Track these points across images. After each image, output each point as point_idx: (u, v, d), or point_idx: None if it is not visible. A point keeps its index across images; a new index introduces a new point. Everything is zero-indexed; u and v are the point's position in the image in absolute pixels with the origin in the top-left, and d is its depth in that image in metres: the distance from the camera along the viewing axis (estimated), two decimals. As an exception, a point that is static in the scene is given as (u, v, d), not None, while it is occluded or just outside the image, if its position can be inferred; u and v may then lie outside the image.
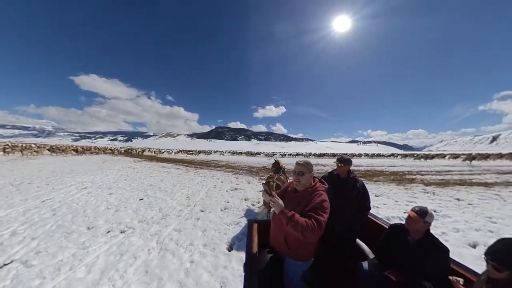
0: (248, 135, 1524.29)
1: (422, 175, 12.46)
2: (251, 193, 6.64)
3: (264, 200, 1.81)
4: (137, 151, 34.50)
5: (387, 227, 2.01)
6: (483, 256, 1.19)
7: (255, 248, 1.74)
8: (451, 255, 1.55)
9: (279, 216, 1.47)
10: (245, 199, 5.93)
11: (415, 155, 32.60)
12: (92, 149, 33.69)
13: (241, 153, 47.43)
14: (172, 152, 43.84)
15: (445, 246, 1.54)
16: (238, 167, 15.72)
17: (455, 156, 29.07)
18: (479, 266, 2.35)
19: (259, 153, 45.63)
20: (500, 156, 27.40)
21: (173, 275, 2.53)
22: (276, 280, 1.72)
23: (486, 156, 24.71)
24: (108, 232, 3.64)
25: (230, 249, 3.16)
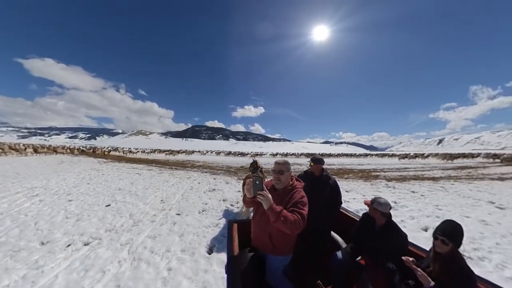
0: (226, 134, 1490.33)
1: (385, 172, 14.02)
2: (230, 194, 6.58)
3: (244, 200, 1.82)
4: (103, 151, 30.51)
5: (357, 219, 2.28)
6: (433, 234, 1.48)
7: (236, 249, 1.74)
8: (409, 239, 1.85)
9: (268, 212, 1.48)
10: (224, 200, 5.85)
11: (378, 154, 37.42)
12: (46, 148, 29.08)
13: (220, 152, 46.66)
14: (145, 151, 40.22)
15: (403, 232, 1.85)
16: (216, 167, 15.41)
17: (404, 155, 34.12)
18: (430, 245, 2.75)
19: (243, 154, 45.10)
20: (427, 156, 33.95)
21: (149, 286, 2.36)
22: (259, 278, 1.75)
23: (414, 156, 30.82)
24: (69, 246, 3.16)
25: (210, 252, 3.09)
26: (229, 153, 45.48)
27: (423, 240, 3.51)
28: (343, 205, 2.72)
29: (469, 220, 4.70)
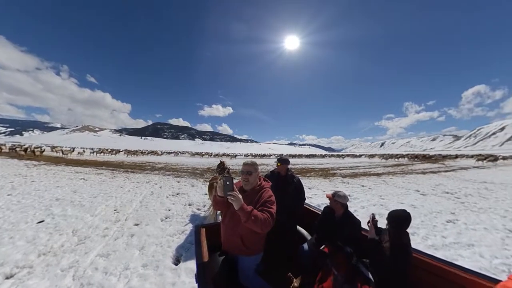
0: (192, 134, 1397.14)
1: (340, 170, 15.89)
2: (196, 197, 6.27)
3: (214, 200, 1.78)
4: (33, 150, 23.61)
5: (319, 212, 2.55)
6: (386, 218, 1.89)
7: (205, 255, 1.69)
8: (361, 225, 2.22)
9: (239, 212, 1.48)
10: (190, 204, 5.54)
11: (336, 155, 42.50)
12: None
13: (185, 153, 43.88)
14: (94, 152, 33.41)
15: (357, 219, 2.18)
16: (180, 169, 14.45)
17: (355, 155, 40.09)
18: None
19: (216, 154, 43.27)
20: (360, 155, 41.80)
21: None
22: (232, 281, 1.73)
23: (343, 156, 37.30)
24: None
25: (177, 262, 2.86)
26: (197, 154, 43.27)
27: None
28: (306, 201, 2.99)
29: (403, 205, 5.80)
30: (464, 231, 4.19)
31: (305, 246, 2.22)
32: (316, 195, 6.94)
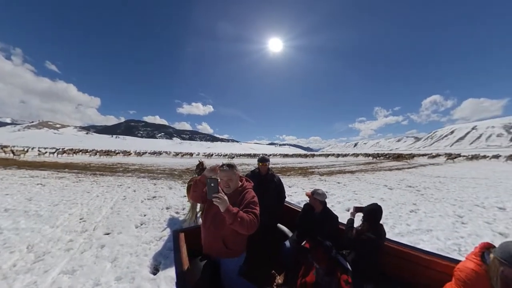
0: (169, 132, 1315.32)
1: (318, 168, 16.67)
2: (174, 200, 5.97)
3: (192, 205, 1.72)
4: None
5: (299, 209, 2.63)
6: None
7: (185, 261, 1.61)
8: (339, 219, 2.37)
9: (225, 214, 1.45)
10: (167, 208, 5.25)
11: (314, 154, 45.13)
12: None
13: (162, 153, 41.45)
14: (56, 152, 28.34)
15: (335, 214, 2.31)
16: (156, 170, 13.62)
17: (329, 155, 42.91)
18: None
19: (196, 154, 41.34)
20: (332, 155, 45.06)
21: None
22: (215, 285, 1.70)
23: (320, 155, 41.20)
24: None
25: (155, 271, 2.68)
26: (177, 154, 41.06)
27: (346, 216, 4.56)
28: (287, 199, 3.08)
29: (374, 199, 6.34)
30: (424, 218, 4.80)
31: (287, 243, 2.29)
32: (296, 193, 7.17)
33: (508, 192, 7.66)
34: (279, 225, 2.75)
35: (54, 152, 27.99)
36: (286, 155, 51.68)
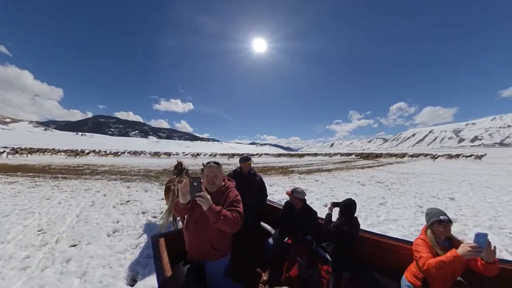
0: (144, 130, 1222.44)
1: (298, 167, 17.30)
2: (151, 204, 5.64)
3: (175, 208, 1.65)
4: None
5: (280, 207, 2.74)
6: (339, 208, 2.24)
7: (167, 268, 1.54)
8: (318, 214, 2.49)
9: (208, 212, 1.45)
10: (143, 213, 4.94)
11: (294, 154, 46.93)
12: None
13: (140, 153, 38.49)
14: (6, 152, 23.24)
15: (314, 210, 2.43)
16: (130, 172, 12.66)
17: (318, 154, 45.68)
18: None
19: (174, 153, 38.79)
20: (308, 154, 48.31)
21: None
22: None
23: (300, 155, 42.72)
24: None
25: (133, 282, 2.49)
26: (156, 154, 38.34)
27: (325, 211, 4.89)
28: (268, 197, 3.15)
29: (348, 195, 6.83)
30: (391, 210, 5.37)
31: (270, 240, 2.36)
32: (277, 191, 7.35)
33: (457, 185, 8.92)
34: (262, 223, 2.81)
35: (2, 152, 23.59)
36: (279, 155, 52.39)
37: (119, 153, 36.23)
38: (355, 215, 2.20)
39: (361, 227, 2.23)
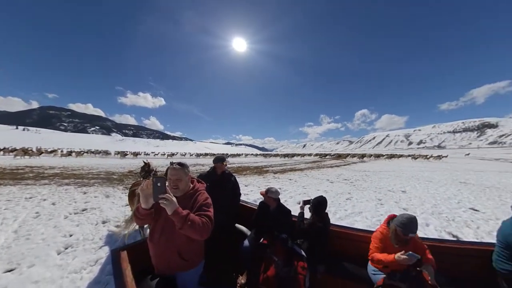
0: (107, 126, 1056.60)
1: (272, 167, 17.83)
2: (113, 211, 5.05)
3: (135, 215, 1.47)
4: None
5: (255, 207, 2.73)
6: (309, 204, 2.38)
7: (131, 285, 1.37)
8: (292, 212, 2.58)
9: (173, 217, 1.28)
10: (104, 222, 4.37)
11: (270, 154, 48.56)
12: None
13: (98, 152, 33.79)
14: None
15: (288, 208, 2.49)
16: (88, 175, 11.11)
17: (304, 155, 48.27)
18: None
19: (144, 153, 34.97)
20: (279, 155, 50.40)
21: None
22: None
23: (274, 155, 45.42)
24: None
25: None
26: (119, 154, 34.06)
27: (297, 210, 5.14)
28: (243, 197, 3.12)
29: (320, 192, 7.33)
30: (356, 204, 5.96)
31: (246, 242, 2.31)
32: (252, 191, 7.39)
33: (407, 180, 10.36)
34: (237, 225, 2.75)
35: None
36: (241, 154, 52.39)
37: (82, 152, 31.60)
38: (326, 210, 2.34)
39: (331, 221, 2.37)
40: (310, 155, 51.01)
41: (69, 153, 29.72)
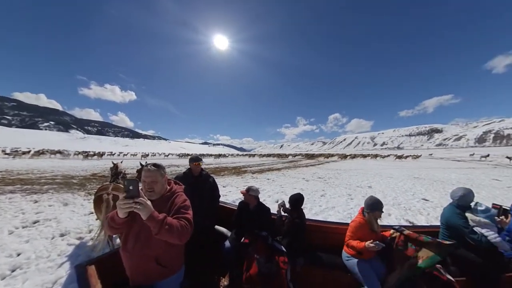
0: (64, 122, 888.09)
1: (250, 167, 17.97)
2: (74, 221, 4.37)
3: (106, 226, 1.34)
4: None
5: (235, 208, 2.76)
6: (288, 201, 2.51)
7: None
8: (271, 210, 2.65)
9: (148, 222, 1.19)
10: (62, 235, 3.74)
11: (249, 155, 48.47)
12: None
13: (55, 153, 28.71)
14: None
15: (267, 206, 2.56)
16: (39, 180, 9.49)
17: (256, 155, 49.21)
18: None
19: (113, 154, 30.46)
20: (257, 155, 52.39)
21: None
22: None
23: (250, 155, 47.13)
24: None
25: None
26: (79, 154, 29.69)
27: (275, 208, 5.32)
28: (221, 198, 3.08)
29: (296, 190, 7.61)
30: (329, 199, 6.42)
31: (227, 243, 2.29)
32: (231, 192, 7.34)
33: (372, 176, 11.52)
34: (216, 226, 2.71)
35: None
36: (219, 155, 51.59)
37: (20, 152, 26.66)
38: (302, 206, 2.50)
39: (307, 216, 2.53)
40: (287, 156, 52.39)
41: (15, 153, 25.12)
